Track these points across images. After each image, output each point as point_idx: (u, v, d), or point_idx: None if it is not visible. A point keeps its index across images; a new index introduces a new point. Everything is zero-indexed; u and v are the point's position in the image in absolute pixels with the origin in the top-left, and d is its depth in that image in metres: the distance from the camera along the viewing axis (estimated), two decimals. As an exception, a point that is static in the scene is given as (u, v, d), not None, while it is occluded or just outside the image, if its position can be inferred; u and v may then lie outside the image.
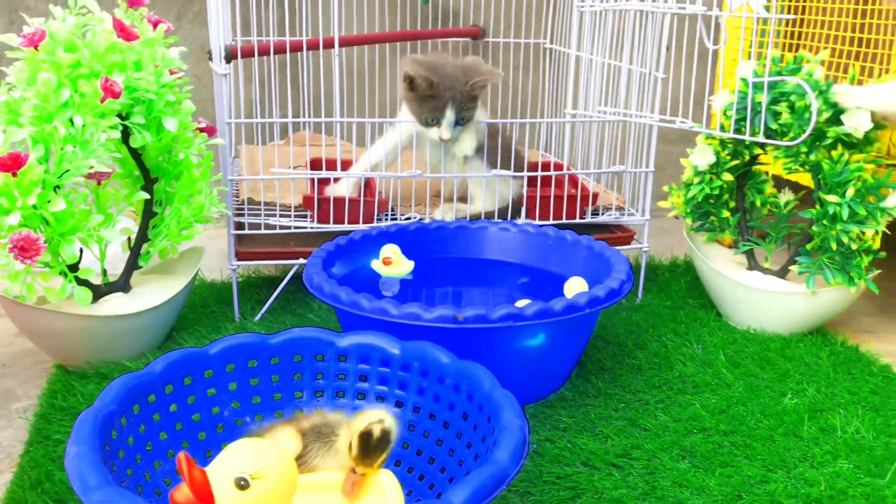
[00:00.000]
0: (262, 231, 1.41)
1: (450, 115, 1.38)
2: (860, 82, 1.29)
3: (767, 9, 1.17)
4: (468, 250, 1.38)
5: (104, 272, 1.26)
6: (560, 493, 0.95)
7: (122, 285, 1.27)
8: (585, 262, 1.29)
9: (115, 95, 1.12)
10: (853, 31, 1.55)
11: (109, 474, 0.69)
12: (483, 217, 1.46)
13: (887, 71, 1.49)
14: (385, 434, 0.77)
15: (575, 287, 1.21)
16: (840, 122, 1.26)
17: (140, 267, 1.29)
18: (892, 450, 1.05)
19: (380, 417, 0.79)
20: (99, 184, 1.25)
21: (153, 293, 1.27)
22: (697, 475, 0.99)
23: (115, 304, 1.22)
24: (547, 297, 1.07)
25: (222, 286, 1.54)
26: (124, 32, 1.16)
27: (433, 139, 1.42)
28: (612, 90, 1.47)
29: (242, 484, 0.71)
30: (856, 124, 1.22)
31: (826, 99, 1.25)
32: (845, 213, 1.28)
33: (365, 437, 0.77)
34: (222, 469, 0.72)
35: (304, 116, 1.88)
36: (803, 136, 1.23)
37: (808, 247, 1.37)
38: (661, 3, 1.27)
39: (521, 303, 1.06)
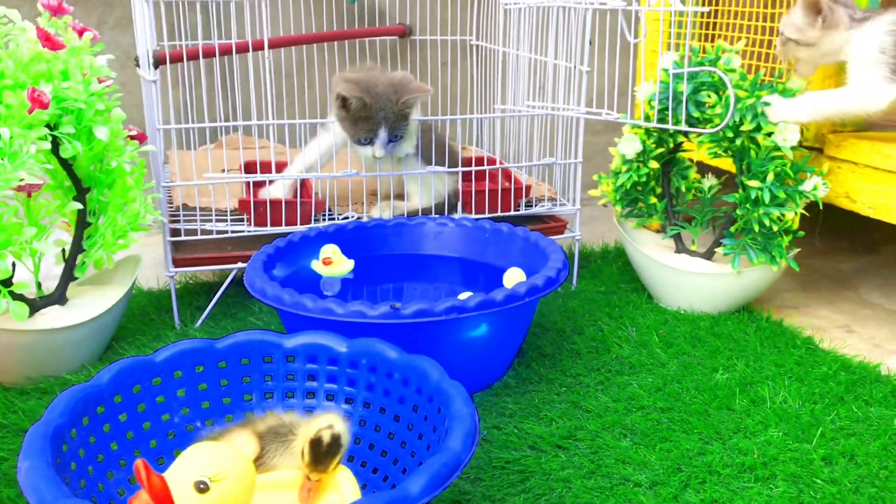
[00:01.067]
0: (199, 237, 1.40)
1: (383, 134, 1.40)
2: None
3: (683, 2, 1.22)
4: (407, 247, 1.40)
5: (38, 285, 1.24)
6: (510, 478, 0.98)
7: (59, 298, 1.25)
8: (522, 253, 1.33)
9: (44, 106, 1.11)
10: (765, 20, 1.62)
11: (64, 486, 0.69)
12: (420, 213, 1.48)
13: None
14: (335, 439, 0.79)
15: (513, 277, 1.24)
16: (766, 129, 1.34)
17: (76, 278, 1.27)
18: (817, 416, 1.11)
19: (329, 423, 0.81)
20: (29, 196, 1.23)
21: (91, 304, 1.25)
22: (639, 451, 1.03)
23: (52, 318, 1.21)
24: (487, 288, 1.10)
25: (160, 294, 1.53)
26: (50, 42, 1.14)
27: (367, 156, 1.43)
28: (540, 85, 1.51)
29: (202, 487, 0.72)
30: (785, 138, 1.30)
31: (753, 105, 1.32)
32: (766, 197, 1.35)
33: (315, 444, 0.79)
34: (181, 473, 0.73)
35: (232, 120, 1.87)
36: (722, 125, 1.29)
37: (732, 229, 1.44)
38: (584, 0, 1.31)
39: (464, 295, 1.08)
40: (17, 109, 1.10)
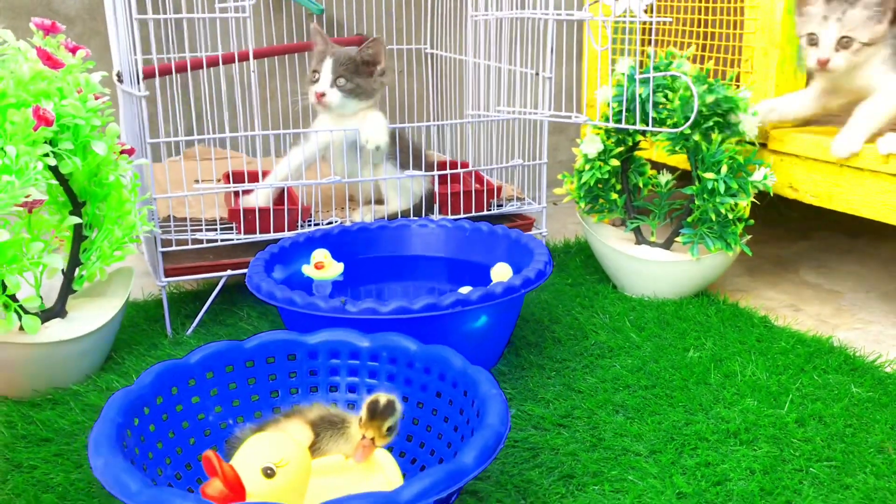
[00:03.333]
0: (187, 247, 1.44)
1: (326, 69, 1.51)
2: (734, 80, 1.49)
3: (647, 12, 1.33)
4: (392, 248, 1.47)
5: (40, 299, 1.26)
6: (522, 454, 1.06)
7: (59, 311, 1.27)
8: (504, 250, 1.41)
9: (49, 123, 1.14)
10: (697, 26, 1.76)
11: (145, 476, 0.74)
12: (399, 215, 1.55)
13: (736, 62, 1.70)
14: (390, 402, 0.87)
15: (501, 273, 1.32)
16: (720, 118, 1.46)
17: (74, 291, 1.29)
18: (784, 385, 1.23)
19: (384, 393, 0.89)
20: (30, 212, 1.24)
21: (92, 316, 1.28)
22: (633, 425, 1.13)
23: (57, 331, 1.23)
24: (473, 285, 1.18)
25: (145, 304, 1.55)
26: (51, 61, 1.17)
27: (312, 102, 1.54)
28: (507, 91, 1.60)
29: (269, 473, 0.78)
30: (747, 129, 1.45)
31: (712, 93, 1.44)
32: (721, 188, 1.47)
33: (372, 403, 0.86)
34: (248, 461, 0.79)
35: (197, 133, 1.90)
36: (686, 124, 1.41)
37: (690, 219, 1.55)
38: (550, 11, 1.41)
39: (465, 290, 1.16)
40: (22, 127, 1.13)
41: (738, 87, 1.58)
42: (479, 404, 0.89)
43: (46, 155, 1.16)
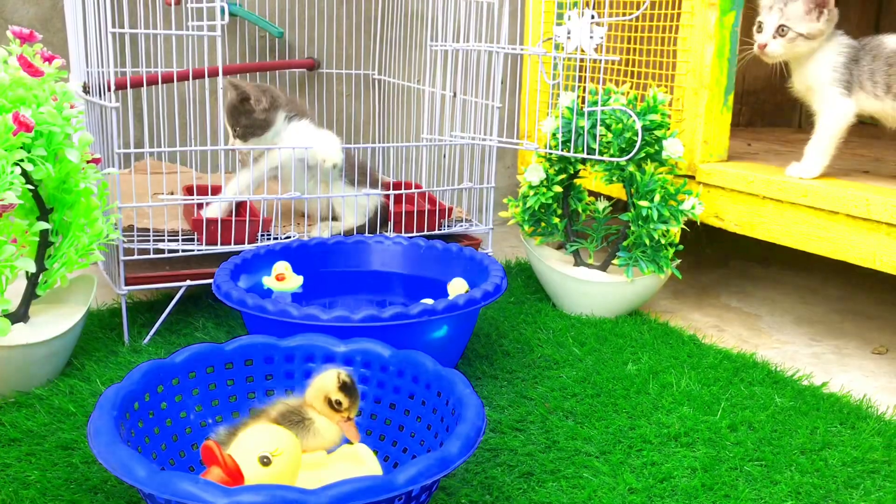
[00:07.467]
0: (147, 257, 1.46)
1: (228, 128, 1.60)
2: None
3: (597, 51, 1.44)
4: (349, 263, 1.53)
5: (8, 302, 1.27)
6: (483, 455, 1.14)
7: (23, 315, 1.28)
8: (459, 267, 1.49)
9: (29, 129, 1.16)
10: (631, 66, 1.90)
11: (152, 462, 0.78)
12: (355, 231, 1.62)
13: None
14: (350, 377, 0.96)
15: (457, 287, 1.40)
16: (651, 145, 1.58)
17: (38, 296, 1.31)
18: (714, 395, 1.34)
19: (335, 371, 0.97)
20: (0, 216, 1.26)
21: (55, 321, 1.30)
22: (583, 429, 1.22)
23: (21, 334, 1.24)
24: (432, 299, 1.26)
25: (100, 313, 1.57)
26: (31, 69, 1.20)
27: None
28: (460, 118, 1.69)
29: (266, 461, 0.84)
30: (673, 151, 1.56)
31: (640, 118, 1.56)
32: (654, 215, 1.59)
33: (343, 386, 0.95)
34: (246, 451, 0.84)
35: (148, 146, 1.92)
36: (631, 154, 1.52)
37: (625, 244, 1.67)
38: (504, 45, 1.51)
39: (428, 301, 1.23)
40: (1, 132, 1.15)
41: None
42: (455, 402, 0.96)
43: (22, 160, 1.18)
